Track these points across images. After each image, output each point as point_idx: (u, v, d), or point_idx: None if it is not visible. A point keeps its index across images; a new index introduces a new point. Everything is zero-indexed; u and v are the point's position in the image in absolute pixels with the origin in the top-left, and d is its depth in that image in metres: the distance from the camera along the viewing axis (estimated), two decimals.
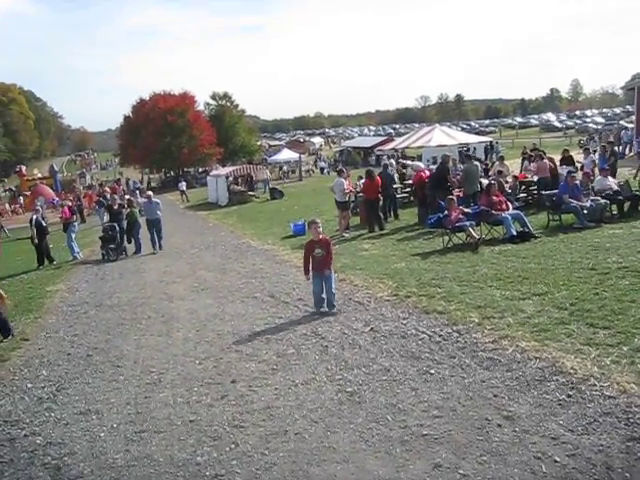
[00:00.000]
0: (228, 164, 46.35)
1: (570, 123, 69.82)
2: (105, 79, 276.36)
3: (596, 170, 15.41)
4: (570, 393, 4.28)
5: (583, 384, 4.39)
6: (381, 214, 14.88)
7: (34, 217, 15.52)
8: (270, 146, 67.29)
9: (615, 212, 12.30)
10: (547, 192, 14.12)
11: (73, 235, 16.48)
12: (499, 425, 3.92)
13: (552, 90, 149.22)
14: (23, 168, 50.76)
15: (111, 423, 4.64)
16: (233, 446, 4.05)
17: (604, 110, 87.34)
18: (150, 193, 16.80)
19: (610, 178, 13.84)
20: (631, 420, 3.80)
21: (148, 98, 52.37)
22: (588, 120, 69.73)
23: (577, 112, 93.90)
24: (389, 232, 13.65)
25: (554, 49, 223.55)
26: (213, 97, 57.57)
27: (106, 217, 17.67)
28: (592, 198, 12.37)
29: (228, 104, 57.27)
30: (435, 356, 5.32)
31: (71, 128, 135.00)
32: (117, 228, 15.03)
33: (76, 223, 17.33)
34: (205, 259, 13.06)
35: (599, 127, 54.82)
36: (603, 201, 12.29)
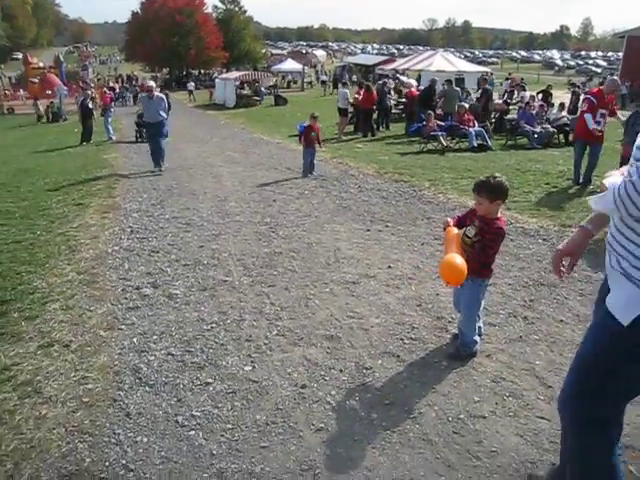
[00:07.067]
0: (232, 69, 48.11)
1: (572, 63, 70.19)
2: None
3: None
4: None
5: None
6: (374, 124, 18.06)
7: (81, 100, 18.41)
8: (272, 54, 68.10)
9: (563, 140, 15.63)
10: (508, 117, 17.45)
11: (109, 119, 19.36)
12: (421, 219, 7.43)
13: (562, 27, 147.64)
14: (29, 55, 51.27)
15: (205, 212, 7.98)
16: (283, 218, 7.55)
17: (609, 54, 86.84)
18: (152, 84, 12.49)
19: (564, 112, 17.07)
20: None
21: None
22: (590, 62, 70.15)
23: (582, 53, 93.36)
24: (379, 138, 16.92)
25: None
26: (222, 1, 58.17)
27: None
28: (543, 126, 15.69)
29: (236, 9, 58.01)
30: (396, 198, 8.76)
31: (69, 18, 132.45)
32: None
33: (112, 109, 20.11)
34: (228, 145, 15.97)
35: (599, 70, 55.87)
36: (552, 129, 15.65)
